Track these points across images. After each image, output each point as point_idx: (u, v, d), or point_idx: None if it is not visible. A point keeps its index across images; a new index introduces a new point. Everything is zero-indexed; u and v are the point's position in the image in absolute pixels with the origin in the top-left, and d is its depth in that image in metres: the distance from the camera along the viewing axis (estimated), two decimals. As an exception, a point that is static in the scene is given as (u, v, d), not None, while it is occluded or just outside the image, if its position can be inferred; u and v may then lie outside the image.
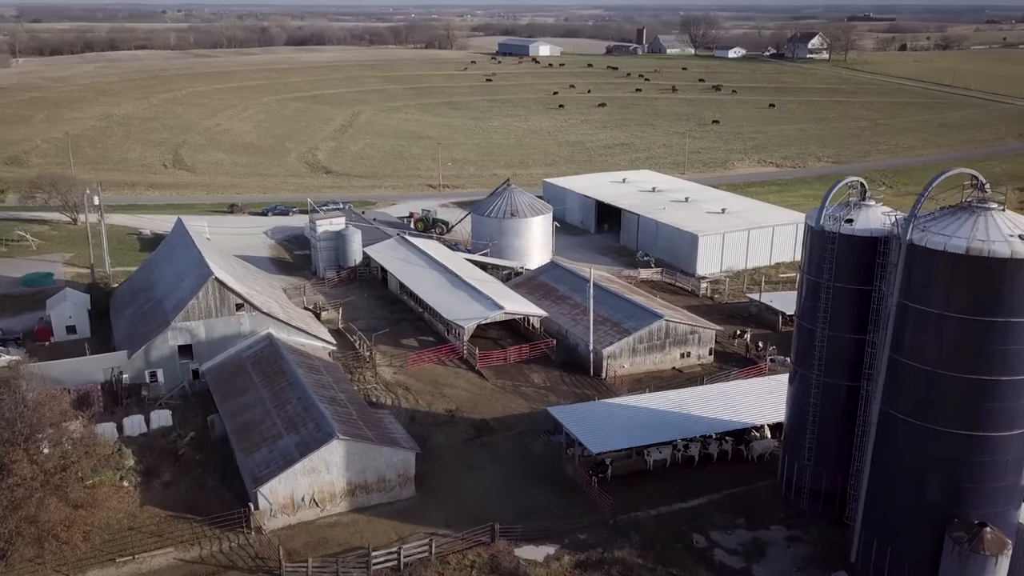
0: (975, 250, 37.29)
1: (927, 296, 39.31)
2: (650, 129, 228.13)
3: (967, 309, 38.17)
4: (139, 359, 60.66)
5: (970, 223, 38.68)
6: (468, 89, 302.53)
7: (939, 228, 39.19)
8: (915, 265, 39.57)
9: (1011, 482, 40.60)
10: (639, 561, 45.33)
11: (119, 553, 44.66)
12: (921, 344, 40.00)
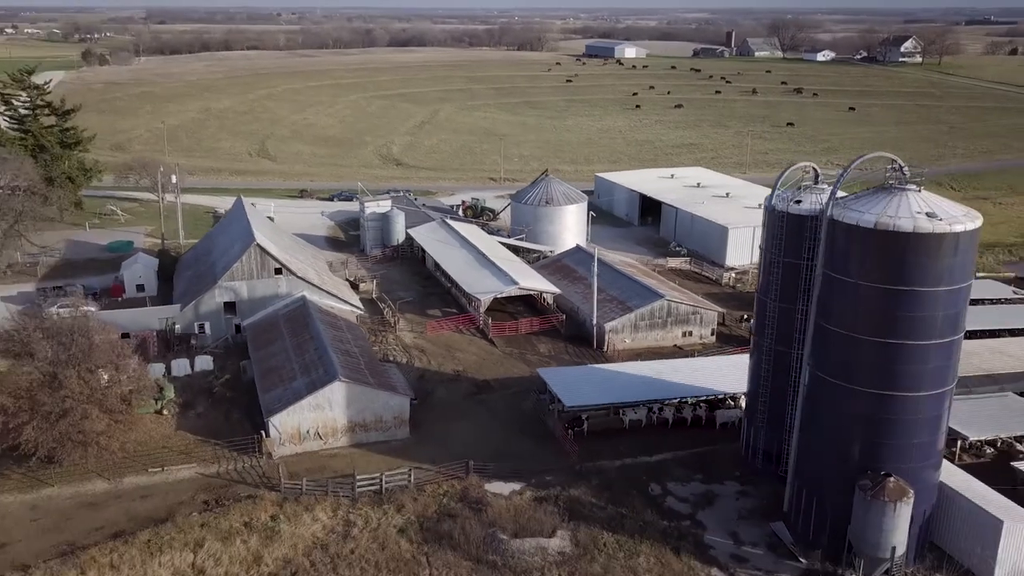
0: (882, 224, 41.16)
1: (844, 266, 43.27)
2: (722, 130, 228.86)
3: (878, 279, 41.98)
4: (190, 312, 69.60)
5: (885, 202, 42.55)
6: (549, 89, 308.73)
7: (857, 206, 43.20)
8: (835, 239, 43.61)
9: (923, 440, 43.94)
10: (592, 500, 50.58)
11: (152, 465, 52.90)
12: (840, 311, 43.92)
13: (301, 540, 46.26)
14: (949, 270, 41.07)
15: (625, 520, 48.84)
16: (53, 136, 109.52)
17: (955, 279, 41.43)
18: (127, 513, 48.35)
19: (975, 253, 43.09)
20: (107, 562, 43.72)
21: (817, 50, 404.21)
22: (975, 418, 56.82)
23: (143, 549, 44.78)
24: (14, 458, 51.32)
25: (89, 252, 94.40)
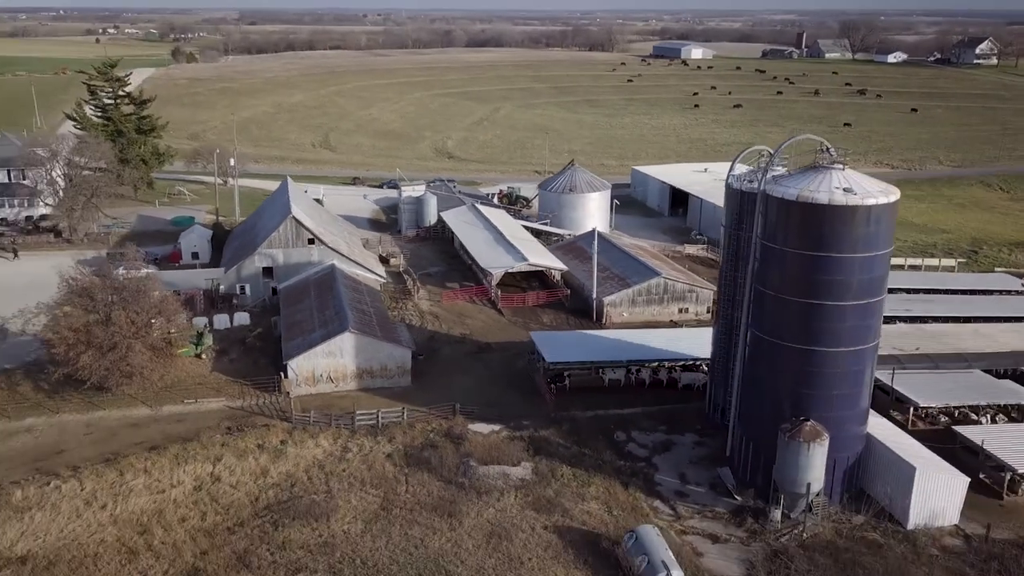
0: (803, 198, 46.57)
1: (774, 236, 48.77)
2: (777, 130, 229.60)
3: (800, 246, 47.40)
4: (232, 275, 78.75)
5: (811, 178, 47.91)
6: (610, 89, 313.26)
7: (786, 182, 48.67)
8: (768, 211, 49.10)
9: (844, 392, 48.99)
10: (559, 441, 57.10)
11: (187, 397, 61.78)
12: (772, 276, 49.41)
13: (303, 460, 54.17)
14: (864, 239, 46.21)
15: (585, 458, 55.20)
16: (131, 123, 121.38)
17: (870, 247, 46.52)
18: (162, 433, 57.19)
19: (891, 225, 47.94)
20: (142, 467, 52.43)
21: (889, 52, 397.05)
22: (930, 388, 61.21)
23: (172, 459, 53.37)
24: (73, 384, 60.88)
25: (156, 225, 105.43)
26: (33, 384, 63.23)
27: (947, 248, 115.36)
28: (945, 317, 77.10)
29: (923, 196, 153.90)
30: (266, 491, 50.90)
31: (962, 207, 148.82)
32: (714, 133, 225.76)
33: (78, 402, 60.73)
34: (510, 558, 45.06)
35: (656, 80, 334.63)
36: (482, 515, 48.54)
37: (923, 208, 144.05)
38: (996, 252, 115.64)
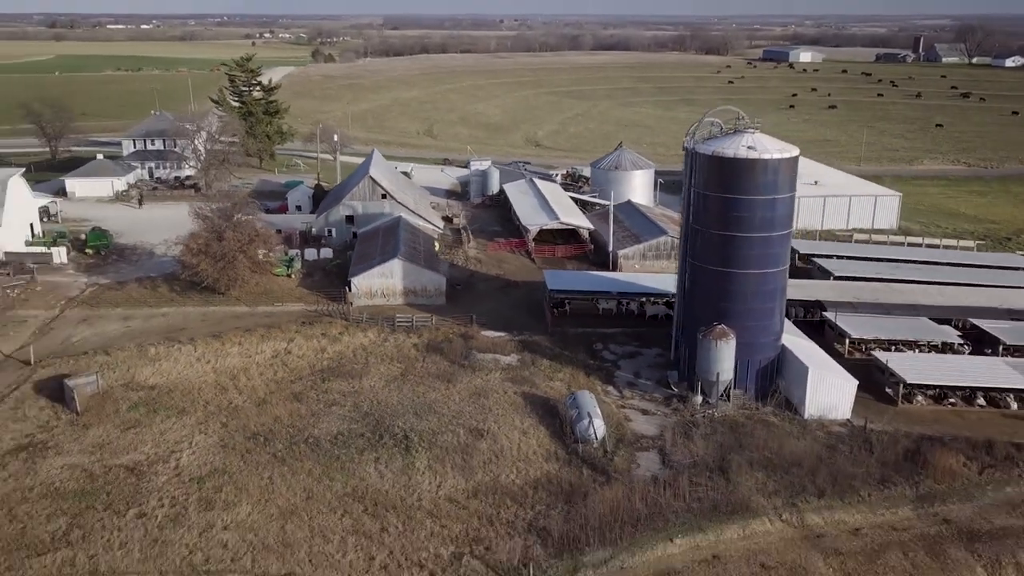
0: (717, 153, 59.92)
1: (702, 183, 62.12)
2: (868, 129, 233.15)
3: (717, 190, 60.69)
4: (322, 220, 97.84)
5: (728, 140, 61.09)
6: (710, 89, 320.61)
7: (710, 143, 61.99)
8: (696, 164, 62.51)
9: (754, 306, 61.72)
10: (548, 344, 72.15)
11: (276, 301, 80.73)
12: (700, 214, 62.74)
13: (352, 344, 71.67)
14: (763, 184, 59.11)
15: (564, 357, 70.05)
16: (260, 106, 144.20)
17: (769, 191, 59.32)
18: (255, 322, 76.14)
19: (789, 175, 60.34)
20: (236, 341, 71.30)
21: (1008, 56, 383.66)
22: (866, 326, 72.55)
23: (258, 338, 72.04)
24: (194, 287, 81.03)
25: (273, 187, 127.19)
26: (168, 287, 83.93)
27: (983, 235, 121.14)
28: (920, 281, 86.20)
29: (987, 192, 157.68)
30: (322, 361, 68.68)
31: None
32: (800, 131, 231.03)
33: (197, 300, 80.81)
34: (483, 408, 60.78)
35: (758, 82, 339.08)
36: (472, 382, 64.48)
37: (982, 202, 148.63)
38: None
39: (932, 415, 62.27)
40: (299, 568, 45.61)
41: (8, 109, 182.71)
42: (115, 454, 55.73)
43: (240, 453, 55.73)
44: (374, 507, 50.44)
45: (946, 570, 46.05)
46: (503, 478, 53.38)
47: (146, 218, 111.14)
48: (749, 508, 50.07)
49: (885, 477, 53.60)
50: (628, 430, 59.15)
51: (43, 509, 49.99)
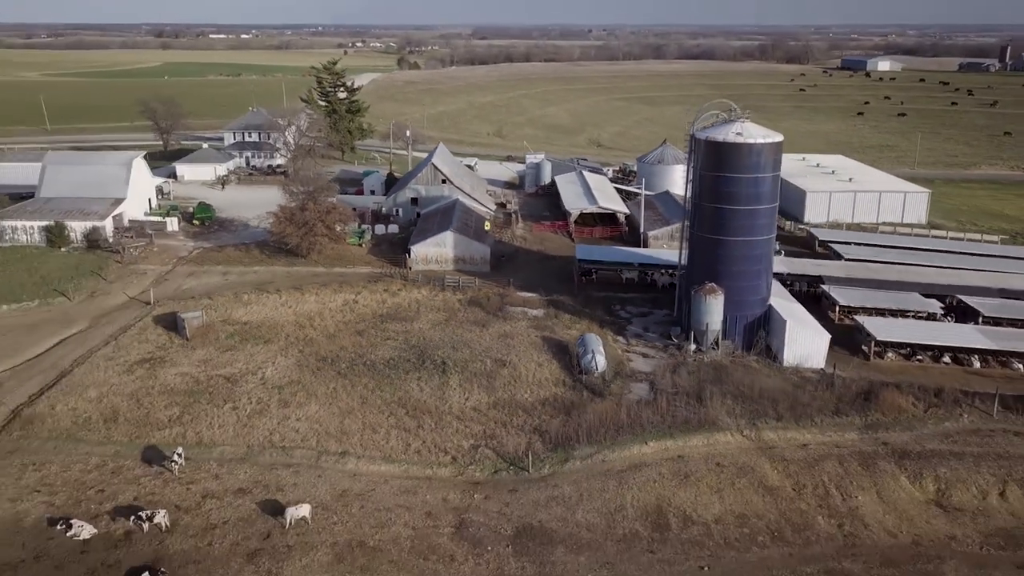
0: (711, 138, 70.94)
1: (702, 164, 73.20)
2: (931, 136, 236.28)
3: (713, 169, 71.66)
4: (390, 201, 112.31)
5: (722, 128, 72.03)
6: (780, 97, 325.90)
7: (707, 130, 72.96)
8: (697, 148, 73.61)
9: (742, 268, 72.20)
10: (572, 304, 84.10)
11: (348, 265, 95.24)
12: (702, 191, 73.80)
13: (408, 298, 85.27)
14: (748, 165, 69.80)
15: (584, 313, 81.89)
16: (343, 105, 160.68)
17: (753, 171, 69.95)
18: (330, 279, 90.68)
19: (771, 158, 70.70)
20: (313, 292, 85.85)
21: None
22: (855, 296, 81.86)
23: (332, 290, 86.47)
24: (281, 251, 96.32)
25: (352, 176, 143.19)
26: (259, 251, 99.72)
27: (1016, 232, 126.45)
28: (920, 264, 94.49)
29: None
30: (382, 309, 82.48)
31: None
32: (863, 137, 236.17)
33: (283, 261, 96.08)
34: (508, 346, 73.30)
35: (831, 90, 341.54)
36: (502, 328, 77.10)
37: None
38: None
39: (899, 368, 71.62)
40: (352, 449, 58.96)
41: (126, 108, 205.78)
42: (215, 367, 70.52)
43: (312, 370, 69.77)
44: (414, 411, 63.52)
45: (873, 477, 56.02)
46: (518, 396, 65.74)
47: (242, 198, 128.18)
48: (715, 424, 61.00)
49: (839, 409, 63.56)
50: (627, 367, 70.69)
51: (162, 401, 64.92)
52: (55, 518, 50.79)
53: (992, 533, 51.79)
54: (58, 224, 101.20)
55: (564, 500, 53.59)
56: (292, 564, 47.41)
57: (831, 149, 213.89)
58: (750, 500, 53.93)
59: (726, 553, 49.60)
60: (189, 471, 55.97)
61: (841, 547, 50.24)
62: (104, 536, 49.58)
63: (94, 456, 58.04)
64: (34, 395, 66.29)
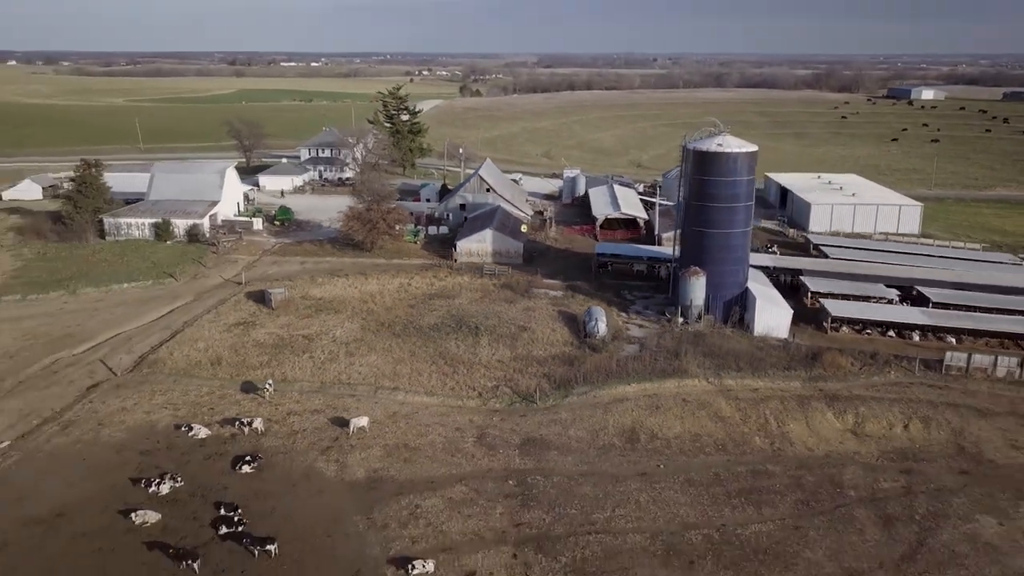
0: (698, 148, 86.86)
1: (692, 170, 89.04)
2: (959, 161, 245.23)
3: (699, 174, 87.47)
4: (442, 207, 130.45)
5: (707, 140, 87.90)
6: (822, 124, 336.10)
7: (696, 142, 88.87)
8: (688, 156, 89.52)
9: (722, 255, 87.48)
10: (588, 287, 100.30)
11: (405, 257, 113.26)
12: (691, 192, 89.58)
13: (452, 281, 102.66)
14: (727, 170, 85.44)
15: (596, 295, 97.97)
16: (405, 126, 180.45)
17: (731, 175, 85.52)
18: (389, 268, 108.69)
19: (746, 164, 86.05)
20: (375, 277, 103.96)
21: None
22: (827, 284, 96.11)
23: (390, 275, 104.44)
24: (349, 245, 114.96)
25: (412, 188, 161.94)
26: (331, 246, 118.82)
27: (1005, 244, 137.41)
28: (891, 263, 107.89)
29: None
30: (430, 290, 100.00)
31: None
32: (893, 161, 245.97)
33: (350, 254, 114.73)
34: (530, 316, 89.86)
35: (871, 118, 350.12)
36: (527, 304, 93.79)
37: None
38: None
39: (850, 339, 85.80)
40: (401, 385, 76.05)
41: (209, 129, 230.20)
42: (296, 329, 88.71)
43: (372, 331, 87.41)
44: (451, 362, 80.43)
45: (805, 412, 70.68)
46: (534, 352, 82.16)
47: (316, 204, 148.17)
48: (687, 373, 76.38)
49: (790, 366, 78.27)
50: (624, 334, 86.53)
51: (255, 351, 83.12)
52: (179, 424, 68.91)
53: (889, 451, 66.09)
54: (165, 221, 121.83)
55: (561, 422, 69.64)
56: (354, 456, 64.45)
57: (857, 170, 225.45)
58: (704, 425, 69.21)
59: (679, 457, 65.02)
60: (276, 397, 73.71)
61: (769, 456, 65.20)
62: (215, 436, 67.37)
63: (204, 386, 76.30)
64: (155, 346, 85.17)
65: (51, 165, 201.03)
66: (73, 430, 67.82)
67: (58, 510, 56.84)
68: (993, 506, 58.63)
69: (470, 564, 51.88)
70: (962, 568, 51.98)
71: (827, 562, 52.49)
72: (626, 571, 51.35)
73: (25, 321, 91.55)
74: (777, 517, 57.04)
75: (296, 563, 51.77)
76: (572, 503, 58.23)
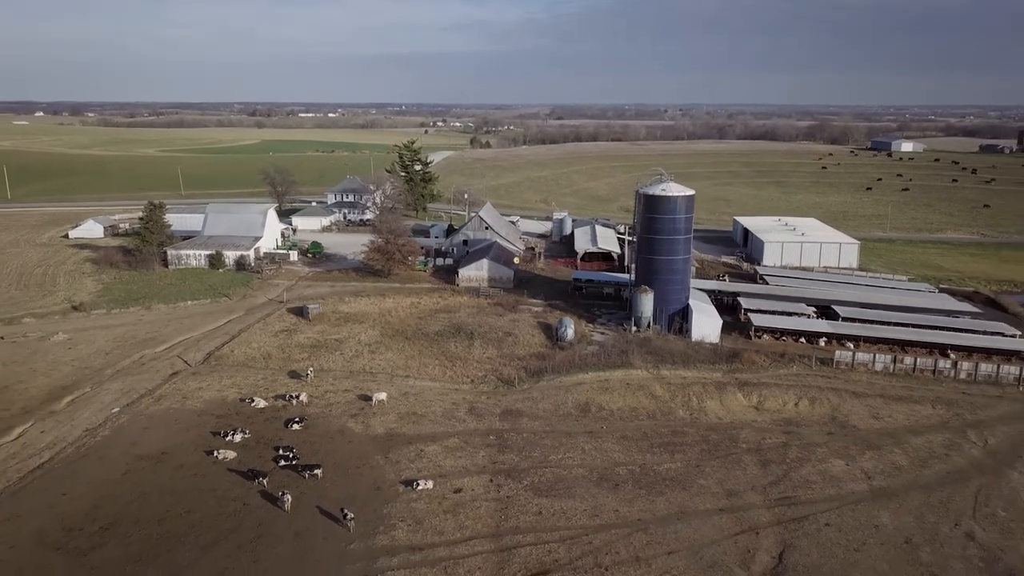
0: (644, 191, 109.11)
1: (642, 209, 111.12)
2: (922, 208, 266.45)
3: (647, 212, 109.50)
4: (448, 242, 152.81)
5: (655, 185, 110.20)
6: (804, 174, 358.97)
7: (645, 187, 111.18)
8: (639, 199, 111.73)
9: (666, 277, 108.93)
10: (564, 305, 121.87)
11: (417, 283, 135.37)
12: (643, 227, 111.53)
13: (453, 301, 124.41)
14: (668, 210, 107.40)
15: (570, 310, 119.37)
16: (418, 174, 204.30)
17: (672, 213, 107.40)
18: (403, 290, 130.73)
19: (684, 205, 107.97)
20: (391, 297, 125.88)
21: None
22: (757, 303, 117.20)
23: (403, 295, 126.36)
24: (370, 272, 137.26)
25: (423, 227, 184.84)
26: (356, 273, 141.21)
27: (931, 277, 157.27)
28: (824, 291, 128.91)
29: (978, 254, 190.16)
30: (436, 306, 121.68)
31: (1003, 261, 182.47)
32: (861, 208, 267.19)
33: (371, 279, 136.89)
34: (515, 325, 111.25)
35: (851, 168, 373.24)
36: (513, 317, 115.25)
37: (965, 260, 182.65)
38: (972, 282, 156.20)
39: (769, 344, 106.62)
40: (411, 374, 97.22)
41: (242, 177, 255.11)
42: (328, 334, 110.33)
43: (389, 336, 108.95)
44: (450, 358, 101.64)
45: (720, 394, 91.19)
46: (516, 352, 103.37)
47: (342, 240, 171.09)
48: (632, 365, 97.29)
49: (715, 361, 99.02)
50: (588, 338, 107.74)
51: (297, 350, 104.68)
52: (243, 397, 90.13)
53: (779, 420, 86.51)
54: (218, 253, 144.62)
55: (532, 399, 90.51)
56: (375, 419, 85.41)
57: (828, 218, 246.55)
58: (641, 401, 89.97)
59: (619, 423, 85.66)
60: (316, 381, 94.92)
61: (687, 423, 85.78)
62: (271, 406, 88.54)
63: (259, 374, 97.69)
64: (219, 346, 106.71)
65: (104, 209, 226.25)
66: (164, 401, 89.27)
67: (161, 451, 77.95)
68: (844, 453, 78.96)
69: (458, 484, 72.48)
70: (809, 489, 72.21)
71: (715, 486, 72.78)
72: (569, 490, 71.80)
73: (114, 328, 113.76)
74: (684, 460, 77.49)
75: (334, 483, 72.51)
76: (535, 449, 78.91)
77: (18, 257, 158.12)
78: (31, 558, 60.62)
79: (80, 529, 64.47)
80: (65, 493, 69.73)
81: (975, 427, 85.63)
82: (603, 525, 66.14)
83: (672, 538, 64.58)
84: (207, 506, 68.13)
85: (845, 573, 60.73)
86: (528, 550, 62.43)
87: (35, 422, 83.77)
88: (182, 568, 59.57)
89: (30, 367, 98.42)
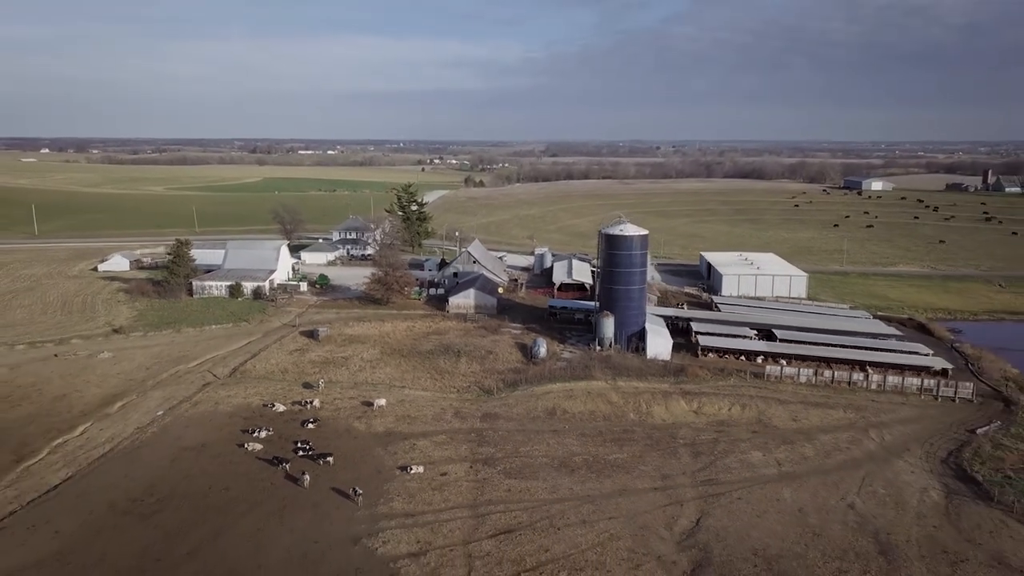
0: (605, 231, 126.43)
1: (605, 247, 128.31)
2: (883, 243, 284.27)
3: (608, 249, 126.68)
4: (439, 274, 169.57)
5: (614, 226, 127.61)
6: (778, 211, 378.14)
7: (606, 228, 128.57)
8: (601, 238, 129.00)
9: (623, 303, 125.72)
10: (540, 329, 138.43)
11: (412, 309, 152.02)
12: (605, 261, 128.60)
13: (444, 324, 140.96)
14: (625, 247, 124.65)
15: (544, 332, 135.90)
16: (414, 213, 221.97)
17: (628, 250, 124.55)
18: (395, 315, 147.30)
19: (639, 242, 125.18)
20: (389, 321, 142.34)
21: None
22: (707, 327, 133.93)
23: (400, 320, 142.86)
24: (370, 301, 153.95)
25: (418, 261, 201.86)
26: (358, 302, 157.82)
27: (873, 307, 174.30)
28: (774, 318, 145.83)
29: (924, 285, 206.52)
30: (428, 330, 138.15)
31: (946, 292, 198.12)
32: (825, 243, 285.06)
33: (372, 307, 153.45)
34: (496, 345, 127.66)
35: (822, 206, 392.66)
36: (495, 338, 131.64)
37: (910, 291, 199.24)
38: (910, 310, 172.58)
39: (713, 361, 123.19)
40: (406, 385, 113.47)
41: (250, 214, 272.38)
42: (336, 353, 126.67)
43: (387, 354, 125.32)
44: (440, 372, 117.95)
45: (666, 401, 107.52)
46: (496, 367, 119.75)
47: (346, 273, 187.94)
48: (593, 377, 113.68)
49: (664, 374, 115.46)
50: (559, 355, 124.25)
51: (311, 366, 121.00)
52: (266, 403, 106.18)
53: (713, 422, 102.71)
54: (237, 284, 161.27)
55: (508, 405, 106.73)
56: (376, 421, 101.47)
57: (794, 252, 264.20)
58: (599, 406, 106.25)
59: (579, 423, 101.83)
60: (326, 390, 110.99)
61: (636, 424, 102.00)
62: (289, 409, 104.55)
63: (278, 385, 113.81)
64: (242, 362, 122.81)
65: (125, 244, 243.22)
66: (200, 406, 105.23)
67: (201, 443, 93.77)
68: (763, 447, 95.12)
69: (444, 469, 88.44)
70: (729, 473, 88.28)
71: (653, 471, 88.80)
72: (534, 473, 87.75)
73: (151, 348, 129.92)
74: (630, 452, 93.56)
75: (343, 468, 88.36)
76: (508, 443, 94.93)
77: (55, 288, 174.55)
78: (107, 520, 76.24)
79: (142, 500, 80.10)
80: (126, 475, 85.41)
81: (876, 427, 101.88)
82: (559, 499, 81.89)
83: (613, 508, 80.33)
84: (241, 485, 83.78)
85: (747, 533, 76.51)
86: (498, 516, 78.11)
87: (94, 422, 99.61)
88: (226, 527, 75.20)
89: (83, 379, 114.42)
